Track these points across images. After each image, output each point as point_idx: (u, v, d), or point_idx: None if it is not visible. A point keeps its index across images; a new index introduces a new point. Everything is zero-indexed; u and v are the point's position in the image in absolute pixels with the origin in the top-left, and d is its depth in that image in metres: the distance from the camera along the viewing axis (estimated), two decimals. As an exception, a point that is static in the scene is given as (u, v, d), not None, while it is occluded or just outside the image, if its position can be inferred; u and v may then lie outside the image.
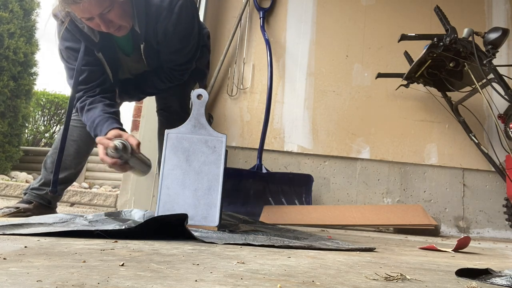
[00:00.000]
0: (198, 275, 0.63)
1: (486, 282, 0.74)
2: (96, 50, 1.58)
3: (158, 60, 1.70)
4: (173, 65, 1.71)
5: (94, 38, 1.53)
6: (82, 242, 0.94)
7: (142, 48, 1.61)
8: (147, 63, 1.69)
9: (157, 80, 1.77)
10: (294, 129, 3.03)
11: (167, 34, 1.57)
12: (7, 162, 5.15)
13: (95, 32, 1.52)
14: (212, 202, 1.32)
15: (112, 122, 1.47)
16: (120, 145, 1.31)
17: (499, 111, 2.49)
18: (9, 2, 5.01)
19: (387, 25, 3.17)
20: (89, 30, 1.51)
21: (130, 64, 1.75)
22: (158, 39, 1.59)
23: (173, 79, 1.76)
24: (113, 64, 1.67)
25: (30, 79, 5.39)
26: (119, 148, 1.30)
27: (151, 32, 1.56)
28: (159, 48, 1.64)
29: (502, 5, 3.23)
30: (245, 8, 3.13)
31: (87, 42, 1.55)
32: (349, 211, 2.54)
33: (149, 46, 1.61)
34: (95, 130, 1.48)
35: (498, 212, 2.93)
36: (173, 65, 1.71)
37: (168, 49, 1.65)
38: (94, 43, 1.56)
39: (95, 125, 1.48)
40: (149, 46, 1.61)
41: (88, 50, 1.57)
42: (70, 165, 1.80)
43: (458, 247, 1.42)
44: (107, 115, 1.50)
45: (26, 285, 0.50)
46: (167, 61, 1.70)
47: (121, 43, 1.67)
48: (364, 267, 0.85)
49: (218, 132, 1.38)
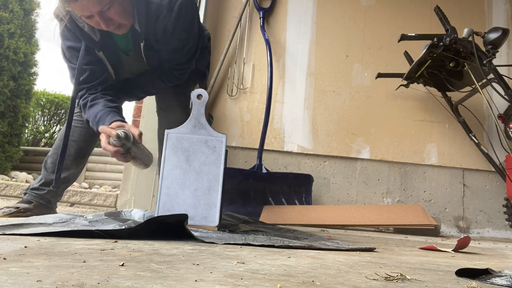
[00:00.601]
0: (198, 275, 0.63)
1: (486, 282, 0.74)
2: (97, 49, 1.58)
3: (158, 59, 1.69)
4: (172, 64, 1.71)
5: (94, 37, 1.54)
6: (82, 242, 0.94)
7: (142, 47, 1.61)
8: (147, 62, 1.69)
9: (157, 80, 1.77)
10: (294, 129, 3.03)
11: (166, 33, 1.57)
12: (7, 162, 5.15)
13: (95, 31, 1.52)
14: (212, 202, 1.32)
15: (114, 115, 1.48)
16: (122, 134, 1.32)
17: (499, 111, 2.49)
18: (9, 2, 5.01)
19: (387, 25, 3.17)
20: (90, 29, 1.51)
21: (130, 63, 1.75)
22: (157, 38, 1.59)
23: (173, 79, 1.76)
24: (114, 63, 1.67)
25: (30, 79, 5.39)
26: (121, 136, 1.31)
27: (150, 31, 1.57)
28: (158, 47, 1.64)
29: (502, 5, 3.23)
30: (245, 8, 3.13)
31: (87, 41, 1.55)
32: (349, 211, 2.54)
33: (148, 44, 1.61)
34: (98, 123, 1.49)
35: (498, 212, 2.93)
36: (173, 64, 1.71)
37: (168, 48, 1.65)
38: (95, 42, 1.56)
39: (97, 119, 1.49)
40: (148, 44, 1.61)
41: (89, 49, 1.57)
42: (70, 165, 1.80)
43: (458, 247, 1.42)
44: (109, 109, 1.51)
45: (26, 285, 0.50)
46: (167, 60, 1.70)
47: (120, 42, 1.67)
48: (364, 267, 0.85)
49: (218, 132, 1.38)
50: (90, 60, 1.59)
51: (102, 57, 1.61)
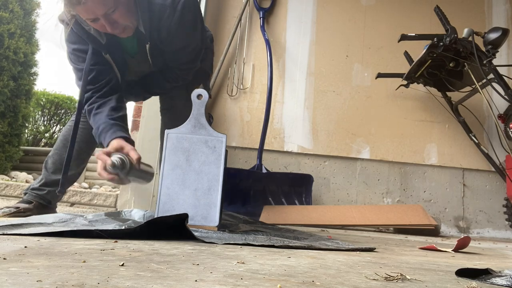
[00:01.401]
0: (198, 275, 0.63)
1: (486, 282, 0.74)
2: (104, 51, 1.58)
3: (163, 59, 1.70)
4: (177, 64, 1.72)
5: (101, 39, 1.54)
6: (82, 242, 0.94)
7: (147, 49, 1.61)
8: (153, 63, 1.69)
9: (162, 80, 1.77)
10: (294, 129, 3.03)
11: (170, 33, 1.57)
12: (7, 162, 5.15)
13: (101, 34, 1.52)
14: (212, 202, 1.31)
15: (116, 130, 1.45)
16: (118, 162, 1.28)
17: (499, 111, 2.49)
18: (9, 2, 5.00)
19: (387, 25, 3.17)
20: (96, 32, 1.51)
21: (136, 64, 1.75)
22: (161, 38, 1.59)
23: (178, 79, 1.77)
24: (121, 65, 1.67)
25: (30, 79, 5.39)
26: (117, 165, 1.28)
27: (154, 31, 1.57)
28: (163, 47, 1.64)
29: (502, 5, 3.23)
30: (245, 8, 3.13)
31: (94, 44, 1.55)
32: (349, 211, 2.54)
33: (153, 45, 1.61)
34: (99, 137, 1.48)
35: (498, 212, 2.93)
36: (178, 64, 1.72)
37: (172, 48, 1.65)
38: (101, 45, 1.56)
39: (99, 132, 1.48)
40: (153, 45, 1.61)
41: (96, 51, 1.58)
42: (71, 166, 1.80)
43: (458, 247, 1.42)
44: (112, 122, 1.49)
45: (26, 285, 0.50)
46: (172, 60, 1.70)
47: (125, 44, 1.67)
48: (364, 267, 0.85)
49: (218, 132, 1.38)
50: (97, 61, 1.59)
51: (109, 59, 1.61)
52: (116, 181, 1.35)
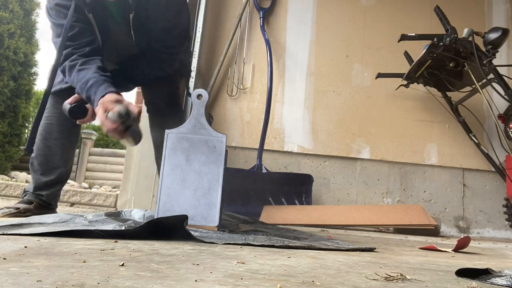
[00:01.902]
0: (198, 275, 0.63)
1: (486, 282, 0.74)
2: (87, 10, 1.51)
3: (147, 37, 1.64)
4: (162, 46, 1.67)
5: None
6: (82, 242, 0.94)
7: (131, 18, 1.55)
8: (135, 39, 1.63)
9: (146, 66, 1.71)
10: (294, 129, 3.03)
11: (158, 8, 1.53)
12: (7, 162, 5.16)
13: None
14: (212, 202, 1.31)
15: (109, 85, 1.39)
16: (124, 111, 1.26)
17: (499, 111, 2.49)
18: (9, 2, 5.01)
19: (387, 25, 3.17)
20: None
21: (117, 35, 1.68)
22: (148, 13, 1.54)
23: (162, 65, 1.71)
24: (103, 29, 1.59)
25: (30, 79, 5.40)
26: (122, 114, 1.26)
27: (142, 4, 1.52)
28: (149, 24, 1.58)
29: (502, 5, 3.23)
30: (245, 8, 3.13)
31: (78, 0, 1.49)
32: (349, 211, 2.54)
33: (138, 18, 1.56)
34: (89, 91, 1.40)
35: (498, 212, 2.93)
36: (163, 46, 1.67)
37: (159, 25, 1.60)
38: (85, 3, 1.49)
39: (89, 85, 1.40)
40: (138, 18, 1.56)
41: (79, 8, 1.50)
42: (58, 164, 1.78)
43: (458, 247, 1.42)
44: (103, 77, 1.42)
45: (26, 285, 0.50)
46: (157, 41, 1.65)
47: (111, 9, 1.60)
48: (364, 267, 0.85)
49: (218, 132, 1.38)
50: (79, 18, 1.51)
51: (91, 20, 1.53)
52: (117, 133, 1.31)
